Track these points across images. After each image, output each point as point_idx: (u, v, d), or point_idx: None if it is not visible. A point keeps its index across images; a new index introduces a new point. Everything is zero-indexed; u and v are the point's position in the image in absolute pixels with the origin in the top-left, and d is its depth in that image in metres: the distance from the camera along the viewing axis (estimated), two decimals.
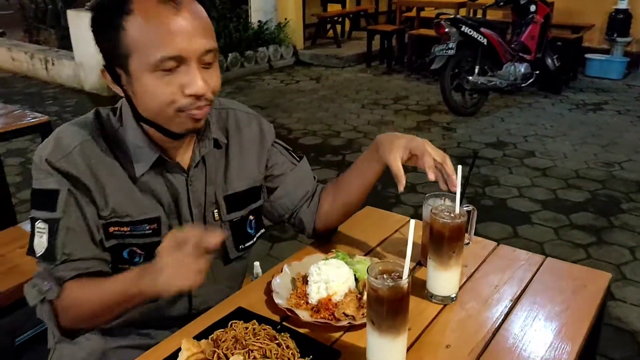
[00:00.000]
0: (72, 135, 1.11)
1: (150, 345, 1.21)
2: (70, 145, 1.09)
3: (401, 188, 1.15)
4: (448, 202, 1.24)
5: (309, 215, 1.36)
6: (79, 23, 6.19)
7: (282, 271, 1.23)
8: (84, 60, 6.41)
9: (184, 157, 1.18)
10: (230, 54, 7.14)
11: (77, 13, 6.24)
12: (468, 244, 1.33)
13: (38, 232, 1.08)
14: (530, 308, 1.15)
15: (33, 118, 2.71)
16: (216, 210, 1.24)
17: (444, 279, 1.14)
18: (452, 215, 1.12)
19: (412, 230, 0.90)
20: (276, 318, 1.10)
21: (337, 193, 1.35)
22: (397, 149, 1.18)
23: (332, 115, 5.61)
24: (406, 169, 1.19)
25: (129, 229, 1.13)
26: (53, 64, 7.01)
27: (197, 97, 1.03)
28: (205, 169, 1.21)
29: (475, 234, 1.38)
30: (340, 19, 8.73)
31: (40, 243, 1.07)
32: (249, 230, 1.31)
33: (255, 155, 1.31)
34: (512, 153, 4.59)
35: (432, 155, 1.16)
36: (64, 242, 1.07)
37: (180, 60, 1.00)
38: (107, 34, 1.01)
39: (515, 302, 1.16)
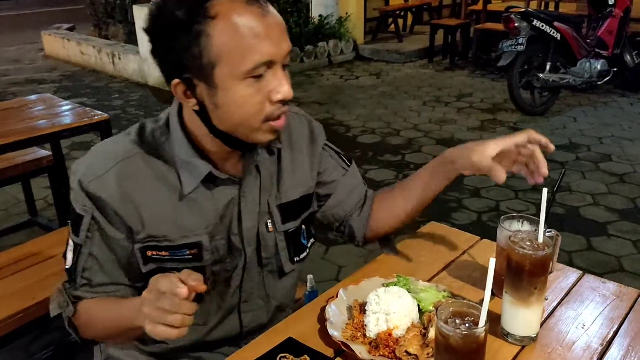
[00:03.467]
0: (109, 154, 1.03)
1: None
2: (106, 166, 1.01)
3: (503, 178, 1.05)
4: (527, 226, 1.09)
5: (360, 223, 1.29)
6: (144, 18, 6.29)
7: (337, 296, 1.12)
8: (148, 55, 6.48)
9: (236, 166, 1.09)
10: None
11: (143, 8, 6.34)
12: (550, 272, 1.17)
13: (69, 246, 1.08)
14: (625, 355, 0.98)
15: (94, 116, 2.72)
16: (269, 220, 1.14)
17: (522, 317, 0.99)
18: (534, 244, 0.97)
19: (492, 271, 0.76)
20: (329, 352, 0.99)
21: (394, 202, 1.26)
22: (481, 148, 1.09)
23: (392, 113, 5.44)
24: None
25: (167, 253, 1.06)
26: (119, 58, 7.18)
27: (283, 102, 0.97)
28: (260, 176, 1.12)
29: None
30: (402, 13, 8.49)
31: (69, 257, 1.07)
32: (303, 241, 1.22)
33: (307, 159, 1.22)
34: (586, 156, 4.28)
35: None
36: (84, 267, 1.06)
37: (269, 65, 0.94)
38: (184, 42, 0.92)
39: (607, 346, 1.00)
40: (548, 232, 1.08)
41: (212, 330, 1.16)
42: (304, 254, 1.22)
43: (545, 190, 0.98)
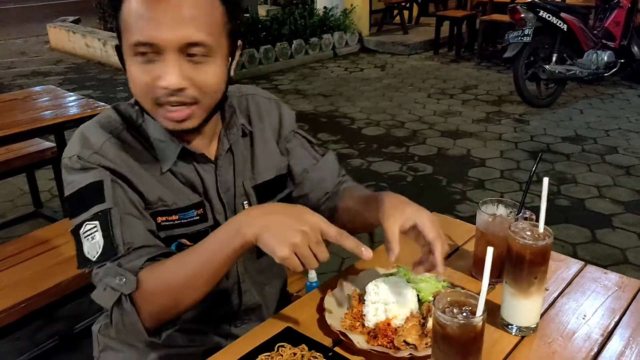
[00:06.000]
0: (98, 132, 1.04)
1: (198, 353, 1.16)
2: (99, 141, 1.03)
3: (392, 257, 0.98)
4: (502, 209, 1.13)
5: (324, 213, 1.25)
6: None
7: (336, 286, 1.12)
8: None
9: (211, 146, 1.13)
10: (294, 41, 7.06)
11: None
12: None
13: (87, 235, 0.97)
14: (626, 346, 0.98)
15: (98, 107, 2.74)
16: (246, 202, 1.18)
17: (522, 307, 0.98)
18: (535, 235, 0.96)
19: (490, 260, 0.76)
20: (328, 341, 0.99)
21: (350, 213, 1.22)
22: (399, 215, 1.03)
23: (397, 105, 5.42)
24: (468, 159, 1.06)
25: (177, 217, 1.08)
26: None
27: (172, 91, 0.95)
28: (233, 158, 1.16)
29: None
30: (407, 5, 8.44)
31: (94, 245, 0.96)
32: None
33: (275, 141, 1.25)
34: (592, 149, 4.25)
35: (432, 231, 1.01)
36: (122, 230, 0.97)
37: (157, 50, 0.94)
38: (113, 10, 0.99)
39: (608, 337, 1.00)
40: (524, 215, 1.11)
41: (212, 307, 1.17)
42: None
43: (545, 180, 0.97)
